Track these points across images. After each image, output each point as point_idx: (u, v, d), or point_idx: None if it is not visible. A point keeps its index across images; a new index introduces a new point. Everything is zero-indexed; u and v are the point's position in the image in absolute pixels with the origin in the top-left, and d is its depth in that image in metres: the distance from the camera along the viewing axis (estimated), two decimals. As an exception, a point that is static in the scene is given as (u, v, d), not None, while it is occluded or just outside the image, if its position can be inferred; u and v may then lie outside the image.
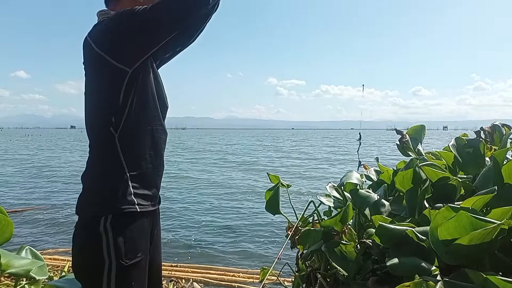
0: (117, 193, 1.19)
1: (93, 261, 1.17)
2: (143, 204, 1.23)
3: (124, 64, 1.19)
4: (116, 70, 1.19)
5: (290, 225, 2.42)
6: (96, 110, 1.25)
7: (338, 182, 2.53)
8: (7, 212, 2.22)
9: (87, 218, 1.20)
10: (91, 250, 1.17)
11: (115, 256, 1.16)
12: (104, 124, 1.21)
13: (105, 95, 1.22)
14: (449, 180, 1.82)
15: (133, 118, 1.22)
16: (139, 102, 1.23)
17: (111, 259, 1.15)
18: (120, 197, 1.19)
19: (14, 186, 10.94)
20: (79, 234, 1.22)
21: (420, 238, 1.42)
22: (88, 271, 1.19)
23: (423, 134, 2.51)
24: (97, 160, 1.25)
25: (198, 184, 11.27)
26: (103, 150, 1.23)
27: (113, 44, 1.20)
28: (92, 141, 1.27)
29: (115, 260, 1.15)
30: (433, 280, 1.18)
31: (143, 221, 1.24)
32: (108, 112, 1.21)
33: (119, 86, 1.20)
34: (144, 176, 1.25)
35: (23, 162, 18.26)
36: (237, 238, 5.60)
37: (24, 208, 7.57)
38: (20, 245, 2.50)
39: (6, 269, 2.00)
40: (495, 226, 1.16)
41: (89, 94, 1.28)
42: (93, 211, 1.19)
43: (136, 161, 1.23)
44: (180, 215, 7.09)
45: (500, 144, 2.19)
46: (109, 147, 1.21)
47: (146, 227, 1.26)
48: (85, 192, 1.24)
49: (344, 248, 1.81)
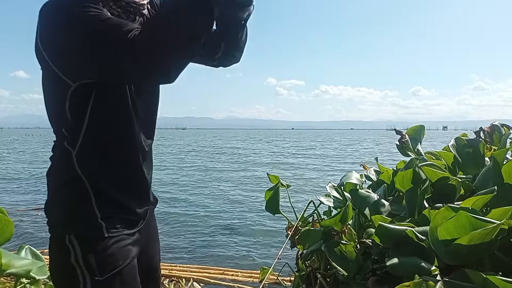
0: (79, 214, 1.00)
1: (68, 281, 0.99)
2: (113, 229, 1.02)
3: (67, 77, 0.94)
4: (58, 79, 0.95)
5: (290, 225, 2.42)
6: (49, 114, 1.04)
7: (338, 182, 2.54)
8: (7, 212, 2.22)
9: (53, 227, 1.03)
10: (64, 267, 1.00)
11: (88, 272, 0.97)
12: (59, 135, 1.02)
13: (53, 106, 1.02)
14: (449, 180, 1.82)
15: (95, 138, 1.00)
16: (103, 123, 1.00)
17: (84, 276, 0.97)
18: (83, 219, 1.00)
19: (14, 186, 10.94)
20: (52, 248, 1.04)
21: (419, 238, 1.42)
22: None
23: (422, 134, 2.52)
24: (57, 167, 1.05)
25: (198, 185, 11.27)
26: (62, 162, 1.03)
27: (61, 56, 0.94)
28: (55, 140, 1.06)
29: (88, 277, 0.97)
30: (433, 280, 1.18)
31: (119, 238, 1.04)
32: (60, 124, 1.01)
33: (63, 99, 0.96)
34: (115, 200, 1.04)
35: (23, 162, 18.26)
36: (237, 238, 5.60)
37: (24, 208, 7.57)
38: (20, 245, 2.50)
39: (6, 269, 2.00)
40: (495, 226, 1.17)
41: (44, 90, 1.04)
42: (56, 222, 1.03)
43: (101, 185, 1.02)
44: (180, 216, 7.09)
45: (500, 144, 2.19)
46: (67, 163, 1.00)
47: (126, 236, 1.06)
48: (50, 196, 1.05)
49: (344, 248, 1.81)
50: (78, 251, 0.98)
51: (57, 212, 1.03)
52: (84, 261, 0.97)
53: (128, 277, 1.04)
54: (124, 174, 1.08)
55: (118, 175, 1.06)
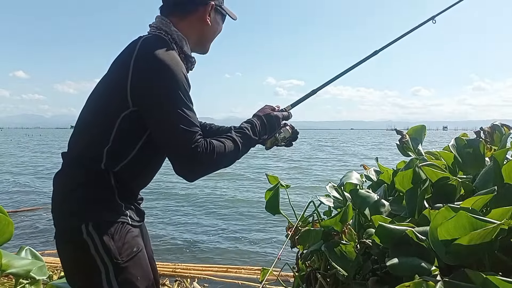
0: (102, 202, 1.13)
1: (89, 272, 1.09)
2: (132, 219, 1.18)
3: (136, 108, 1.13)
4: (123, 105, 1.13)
5: (290, 225, 2.42)
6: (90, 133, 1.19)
7: (338, 182, 2.53)
8: (7, 212, 2.22)
9: (68, 217, 1.13)
10: (84, 261, 1.09)
11: (109, 259, 1.08)
12: (95, 159, 1.15)
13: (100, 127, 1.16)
14: (449, 180, 1.82)
15: (141, 159, 1.19)
16: (153, 148, 1.19)
17: (105, 263, 1.07)
18: (107, 207, 1.13)
19: (14, 186, 10.94)
20: (66, 246, 1.14)
21: (420, 238, 1.42)
22: (88, 285, 1.11)
23: (423, 134, 2.51)
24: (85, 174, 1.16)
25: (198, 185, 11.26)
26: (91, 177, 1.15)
27: (139, 95, 1.11)
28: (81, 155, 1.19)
29: (110, 263, 1.08)
30: (433, 280, 1.18)
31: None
32: (100, 144, 1.15)
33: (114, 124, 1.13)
34: (132, 195, 1.25)
35: (23, 162, 18.26)
36: (237, 239, 5.60)
37: (24, 208, 7.57)
38: (19, 245, 2.51)
39: (6, 269, 2.00)
40: (495, 226, 1.16)
41: (95, 104, 1.21)
42: (72, 211, 1.12)
43: (127, 185, 1.19)
44: (181, 216, 7.09)
45: (500, 144, 2.19)
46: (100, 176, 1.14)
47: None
48: (67, 192, 1.15)
49: (344, 248, 1.81)
50: (97, 240, 1.07)
51: (75, 203, 1.13)
52: (104, 248, 1.07)
53: (143, 261, 1.16)
54: (149, 179, 1.30)
55: (144, 180, 1.28)
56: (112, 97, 1.15)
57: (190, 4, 1.27)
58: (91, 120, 1.20)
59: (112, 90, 1.16)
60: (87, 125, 1.21)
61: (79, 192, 1.13)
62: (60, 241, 1.16)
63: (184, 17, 1.26)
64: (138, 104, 1.12)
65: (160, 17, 1.26)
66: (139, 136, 1.16)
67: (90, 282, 1.10)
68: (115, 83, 1.15)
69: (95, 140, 1.16)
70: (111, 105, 1.14)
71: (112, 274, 1.08)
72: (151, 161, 1.25)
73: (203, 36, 1.34)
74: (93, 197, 1.12)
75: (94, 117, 1.20)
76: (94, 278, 1.07)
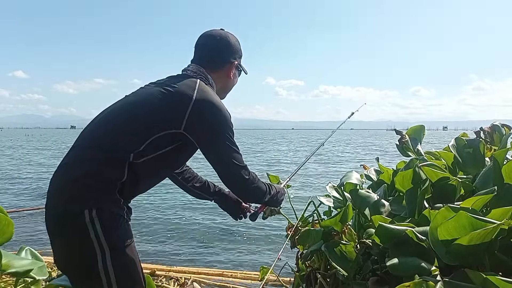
0: (107, 194, 1.24)
1: (85, 255, 1.19)
2: (126, 215, 1.32)
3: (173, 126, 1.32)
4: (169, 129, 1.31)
5: (290, 225, 2.42)
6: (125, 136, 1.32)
7: (338, 182, 2.53)
8: (7, 212, 2.22)
9: (70, 211, 1.21)
10: (80, 244, 1.20)
11: (107, 245, 1.19)
12: (120, 157, 1.29)
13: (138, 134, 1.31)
14: (449, 180, 1.82)
15: (157, 165, 1.36)
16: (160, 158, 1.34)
17: (103, 248, 1.18)
18: (111, 198, 1.25)
19: (14, 186, 10.94)
20: (64, 231, 1.23)
21: (420, 238, 1.42)
22: (82, 266, 1.21)
23: (422, 134, 2.51)
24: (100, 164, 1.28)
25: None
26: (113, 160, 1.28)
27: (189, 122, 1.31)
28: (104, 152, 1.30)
29: (108, 248, 1.19)
30: (433, 280, 1.18)
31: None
32: (130, 149, 1.29)
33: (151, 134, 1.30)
34: (129, 198, 1.37)
35: (24, 162, 18.26)
36: (237, 239, 5.59)
37: (24, 208, 7.56)
38: (19, 245, 2.50)
39: (6, 269, 2.00)
40: (495, 226, 1.17)
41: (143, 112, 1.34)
42: (75, 196, 1.22)
43: (134, 185, 1.32)
44: (179, 217, 7.09)
45: (500, 144, 2.19)
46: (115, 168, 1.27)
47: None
48: (71, 182, 1.25)
49: (344, 248, 1.81)
50: (98, 226, 1.19)
51: (84, 188, 1.22)
52: (105, 234, 1.19)
53: (135, 252, 1.30)
54: (149, 187, 1.44)
55: (149, 185, 1.44)
56: (164, 116, 1.31)
57: (222, 62, 1.57)
58: (132, 125, 1.33)
59: (168, 109, 1.32)
60: (127, 128, 1.33)
61: (90, 180, 1.23)
62: (58, 223, 1.24)
63: (215, 71, 1.55)
64: (192, 131, 1.34)
65: (196, 66, 1.51)
66: (165, 147, 1.33)
67: (84, 265, 1.20)
68: (173, 107, 1.33)
69: (128, 141, 1.29)
70: (162, 122, 1.31)
71: (109, 258, 1.19)
72: (159, 171, 1.43)
73: (225, 87, 1.64)
74: (100, 187, 1.23)
75: (137, 123, 1.33)
76: (89, 261, 1.18)
